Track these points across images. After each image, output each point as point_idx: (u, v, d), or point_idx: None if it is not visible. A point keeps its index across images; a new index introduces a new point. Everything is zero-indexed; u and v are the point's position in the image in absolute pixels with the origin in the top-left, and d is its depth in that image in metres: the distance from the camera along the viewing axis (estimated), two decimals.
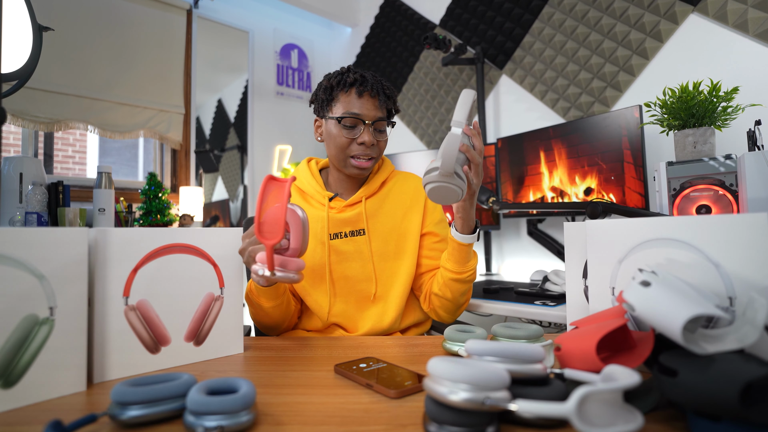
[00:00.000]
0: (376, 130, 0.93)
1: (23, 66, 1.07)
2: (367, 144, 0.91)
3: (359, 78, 0.92)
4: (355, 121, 0.91)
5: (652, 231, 0.52)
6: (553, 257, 1.86)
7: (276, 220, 0.62)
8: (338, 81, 0.93)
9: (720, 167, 1.05)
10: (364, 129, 0.91)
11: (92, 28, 2.15)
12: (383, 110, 0.94)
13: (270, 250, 0.63)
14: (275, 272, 0.64)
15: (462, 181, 0.71)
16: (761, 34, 1.34)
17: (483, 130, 2.11)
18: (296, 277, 0.66)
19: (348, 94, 0.92)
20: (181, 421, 0.42)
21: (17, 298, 0.48)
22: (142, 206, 1.98)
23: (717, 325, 0.45)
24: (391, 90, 0.96)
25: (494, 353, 0.42)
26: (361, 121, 0.91)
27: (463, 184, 0.72)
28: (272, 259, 0.63)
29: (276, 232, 0.62)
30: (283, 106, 3.01)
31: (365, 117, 0.91)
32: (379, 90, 0.93)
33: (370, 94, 0.92)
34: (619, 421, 0.35)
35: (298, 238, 0.67)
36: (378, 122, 0.93)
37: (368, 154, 0.93)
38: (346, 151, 0.93)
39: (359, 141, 0.91)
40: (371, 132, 0.91)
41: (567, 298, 0.68)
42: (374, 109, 0.92)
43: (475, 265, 0.91)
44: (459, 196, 0.72)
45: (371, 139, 0.91)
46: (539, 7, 1.97)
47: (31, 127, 1.98)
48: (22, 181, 1.51)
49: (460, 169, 0.71)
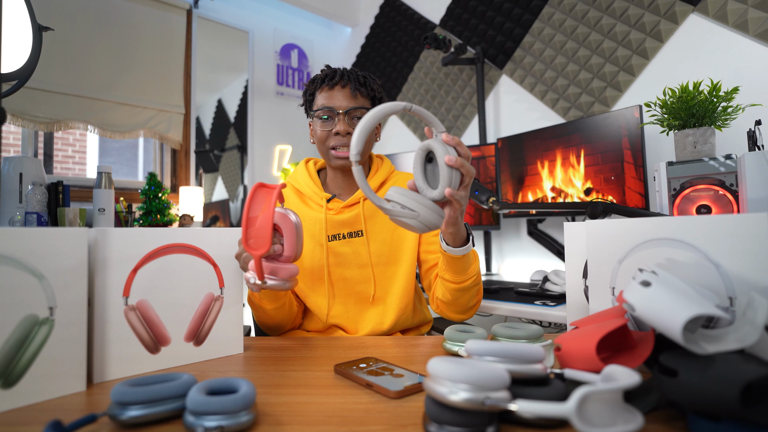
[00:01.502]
0: (352, 119, 0.94)
1: (23, 66, 1.07)
2: (342, 132, 0.93)
3: (330, 73, 0.96)
4: (329, 112, 0.94)
5: (652, 231, 0.52)
6: (553, 257, 1.86)
7: (263, 230, 0.61)
8: (313, 80, 0.98)
9: (720, 167, 1.05)
10: (338, 119, 0.93)
11: (92, 28, 2.15)
12: (358, 98, 0.95)
13: (258, 261, 0.62)
14: (266, 281, 0.63)
15: (441, 213, 0.63)
16: (761, 34, 1.34)
17: (483, 130, 2.11)
18: (288, 285, 0.65)
19: (321, 90, 0.96)
20: (181, 421, 0.42)
21: (17, 298, 0.48)
22: (142, 206, 1.98)
23: (717, 325, 0.45)
24: (368, 78, 0.98)
25: (494, 353, 0.42)
26: (334, 112, 0.94)
27: (442, 213, 0.64)
28: (261, 269, 0.62)
29: (263, 243, 0.61)
30: (283, 106, 3.01)
31: (337, 107, 0.93)
32: (350, 79, 0.95)
33: (341, 85, 0.94)
34: (619, 421, 0.35)
35: (292, 243, 0.66)
36: (352, 111, 0.94)
37: (345, 143, 0.94)
38: (325, 143, 0.95)
39: (334, 131, 0.93)
40: (345, 121, 0.93)
41: (567, 298, 0.68)
42: (346, 99, 0.94)
43: (477, 269, 0.84)
44: (440, 223, 0.64)
45: (345, 127, 0.93)
46: (539, 7, 1.97)
47: (31, 127, 1.98)
48: (22, 181, 1.51)
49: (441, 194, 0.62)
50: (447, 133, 0.63)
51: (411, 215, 0.61)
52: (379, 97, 0.99)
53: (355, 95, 0.95)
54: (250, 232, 0.63)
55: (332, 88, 0.94)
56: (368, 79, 0.97)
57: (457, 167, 0.61)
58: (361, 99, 0.95)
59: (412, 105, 0.60)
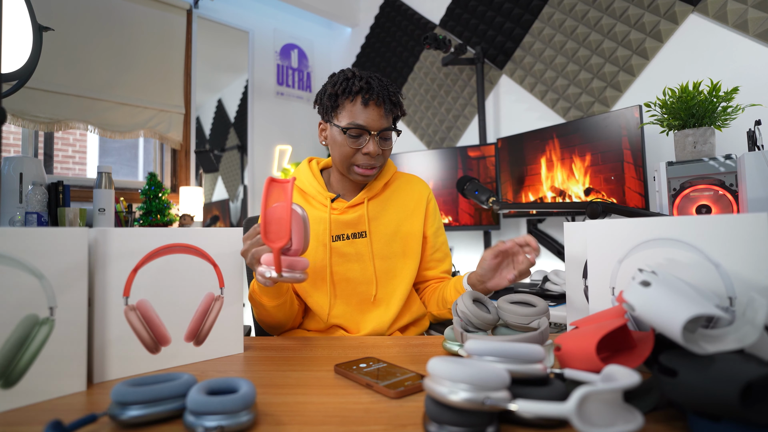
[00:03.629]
0: (381, 138, 0.91)
1: (23, 66, 1.07)
2: (372, 155, 0.89)
3: (365, 86, 0.89)
4: (361, 131, 0.89)
5: (652, 231, 0.52)
6: (553, 257, 1.86)
7: (281, 223, 0.62)
8: (343, 89, 0.90)
9: (720, 167, 1.05)
10: (370, 139, 0.89)
11: (92, 28, 2.15)
12: (389, 119, 0.92)
13: (277, 253, 0.62)
14: (283, 274, 0.64)
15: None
16: (761, 34, 1.34)
17: (483, 130, 2.11)
18: (303, 277, 0.66)
19: (353, 103, 0.89)
20: (181, 421, 0.42)
21: (17, 298, 0.48)
22: (142, 206, 1.98)
23: (717, 325, 0.45)
24: (397, 96, 0.93)
25: (494, 353, 0.42)
26: (366, 132, 0.89)
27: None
28: (279, 261, 0.63)
29: (282, 235, 0.62)
30: (283, 106, 3.01)
31: (371, 128, 0.88)
32: (384, 98, 0.89)
33: (376, 103, 0.88)
34: (619, 421, 0.35)
35: (300, 237, 0.66)
36: (384, 132, 0.90)
37: (372, 164, 0.91)
38: (350, 160, 0.91)
39: (364, 151, 0.89)
40: (377, 141, 0.89)
41: (567, 298, 0.68)
42: (379, 119, 0.89)
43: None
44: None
45: (377, 149, 0.89)
46: (539, 7, 1.97)
47: (31, 127, 1.98)
48: (22, 181, 1.52)
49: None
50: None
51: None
52: (401, 113, 0.97)
53: (388, 116, 0.91)
54: (269, 226, 0.63)
55: (367, 105, 0.88)
56: (398, 96, 0.93)
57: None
58: (390, 118, 0.92)
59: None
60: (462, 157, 2.02)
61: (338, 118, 0.91)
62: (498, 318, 0.64)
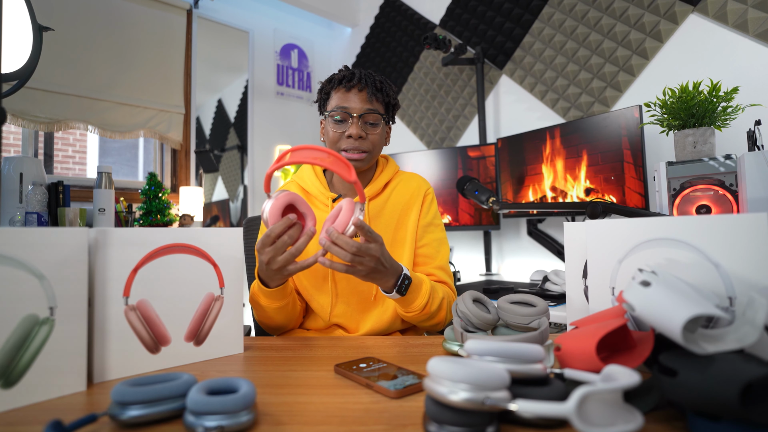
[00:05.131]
0: (365, 123, 0.94)
1: (23, 66, 1.07)
2: (354, 136, 0.92)
3: (348, 74, 0.95)
4: (344, 114, 0.93)
5: (652, 231, 0.52)
6: (553, 257, 1.86)
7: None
8: (330, 79, 0.97)
9: (720, 167, 1.05)
10: (352, 122, 0.92)
11: (92, 28, 2.15)
12: (373, 103, 0.94)
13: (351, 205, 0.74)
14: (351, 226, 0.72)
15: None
16: (761, 34, 1.34)
17: (483, 130, 2.11)
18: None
19: (338, 90, 0.95)
20: (181, 421, 0.42)
21: (17, 298, 0.48)
22: (142, 206, 1.98)
23: (717, 325, 0.45)
24: (385, 83, 0.96)
25: (494, 353, 0.42)
26: (348, 115, 0.93)
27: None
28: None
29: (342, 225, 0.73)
30: (283, 106, 3.01)
31: (352, 110, 0.92)
32: (367, 82, 0.94)
33: (358, 87, 0.93)
34: (619, 420, 0.35)
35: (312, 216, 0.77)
36: (367, 114, 0.93)
37: (357, 147, 0.93)
38: (337, 145, 0.94)
39: (347, 134, 0.92)
40: (359, 125, 0.92)
41: (567, 298, 0.68)
42: (362, 102, 0.93)
43: (422, 304, 0.84)
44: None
45: (358, 131, 0.92)
46: (539, 7, 1.97)
47: (31, 127, 1.98)
48: (22, 181, 1.52)
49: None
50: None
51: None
52: (393, 103, 0.99)
53: (371, 100, 0.94)
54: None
55: (349, 90, 0.93)
56: (385, 84, 0.96)
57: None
58: (376, 104, 0.95)
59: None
60: (462, 157, 2.02)
61: (328, 108, 0.97)
62: (498, 318, 0.64)
